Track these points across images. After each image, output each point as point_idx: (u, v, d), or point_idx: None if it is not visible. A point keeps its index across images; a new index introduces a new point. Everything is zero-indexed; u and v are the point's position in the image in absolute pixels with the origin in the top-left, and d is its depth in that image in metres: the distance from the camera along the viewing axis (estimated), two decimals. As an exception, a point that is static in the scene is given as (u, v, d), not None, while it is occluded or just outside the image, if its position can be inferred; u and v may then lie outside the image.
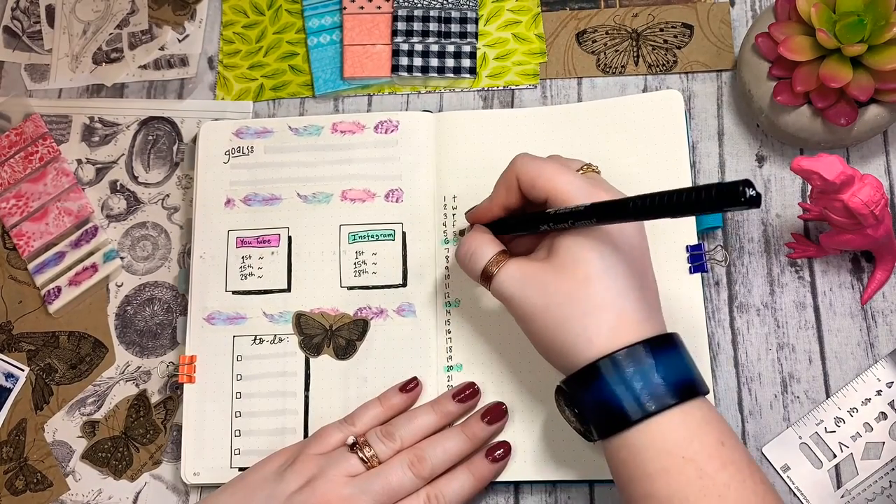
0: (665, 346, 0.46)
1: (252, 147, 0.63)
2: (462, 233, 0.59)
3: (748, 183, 0.37)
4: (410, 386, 0.56)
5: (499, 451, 0.54)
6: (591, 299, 0.46)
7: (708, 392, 0.46)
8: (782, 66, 0.56)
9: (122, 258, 0.64)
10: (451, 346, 0.58)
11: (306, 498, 0.50)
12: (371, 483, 0.51)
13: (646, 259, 0.49)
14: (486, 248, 0.51)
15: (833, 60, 0.54)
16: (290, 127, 0.63)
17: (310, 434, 0.57)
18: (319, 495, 0.50)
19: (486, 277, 0.50)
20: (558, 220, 0.47)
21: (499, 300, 0.50)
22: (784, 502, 0.45)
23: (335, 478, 0.51)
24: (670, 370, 0.45)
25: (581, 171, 0.51)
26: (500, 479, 0.55)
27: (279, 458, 0.54)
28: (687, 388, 0.45)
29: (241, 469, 0.57)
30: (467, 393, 0.55)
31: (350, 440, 0.53)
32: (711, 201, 0.39)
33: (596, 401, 0.45)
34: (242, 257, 0.61)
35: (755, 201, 0.37)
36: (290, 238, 0.61)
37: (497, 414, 0.55)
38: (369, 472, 0.52)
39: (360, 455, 0.52)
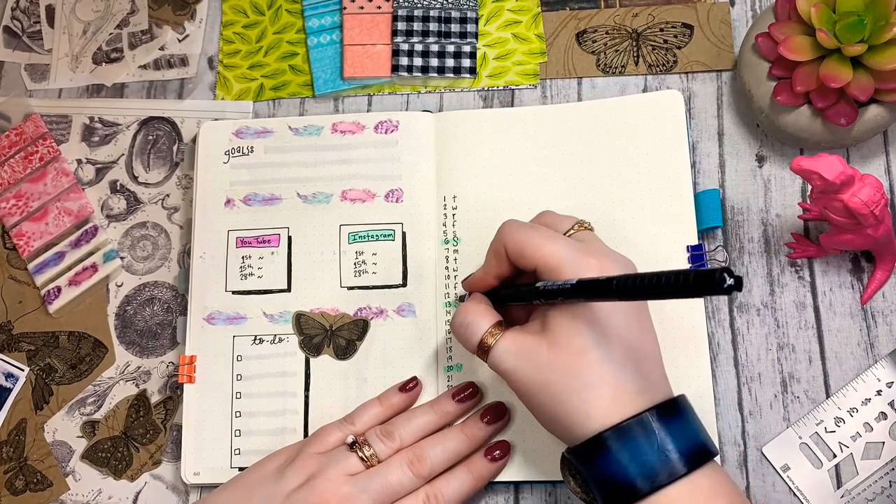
0: (671, 414, 0.45)
1: (252, 147, 0.63)
2: (461, 299, 0.58)
3: (728, 271, 0.36)
4: (410, 385, 0.56)
5: (497, 451, 0.54)
6: (587, 373, 0.45)
7: (717, 453, 0.45)
8: (782, 66, 0.56)
9: (122, 258, 0.64)
10: (451, 346, 0.58)
11: (305, 496, 0.50)
12: (370, 482, 0.51)
13: (644, 322, 0.48)
14: (481, 319, 0.50)
15: (833, 60, 0.54)
16: (290, 127, 0.63)
17: (310, 434, 0.57)
18: (318, 493, 0.50)
19: (483, 350, 0.49)
20: (547, 296, 0.47)
21: (495, 372, 0.50)
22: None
23: (334, 476, 0.51)
24: (678, 438, 0.44)
25: (572, 231, 0.50)
26: (500, 479, 0.55)
27: (279, 457, 0.54)
28: (696, 454, 0.44)
29: (240, 469, 0.57)
30: (467, 393, 0.55)
31: (349, 439, 0.53)
32: (689, 287, 0.38)
33: (602, 473, 0.44)
34: (242, 257, 0.61)
35: (734, 288, 0.36)
36: (290, 238, 0.61)
37: (497, 414, 0.55)
38: (369, 471, 0.52)
39: (360, 454, 0.52)
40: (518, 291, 0.50)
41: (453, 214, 0.60)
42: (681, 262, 0.57)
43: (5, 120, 0.67)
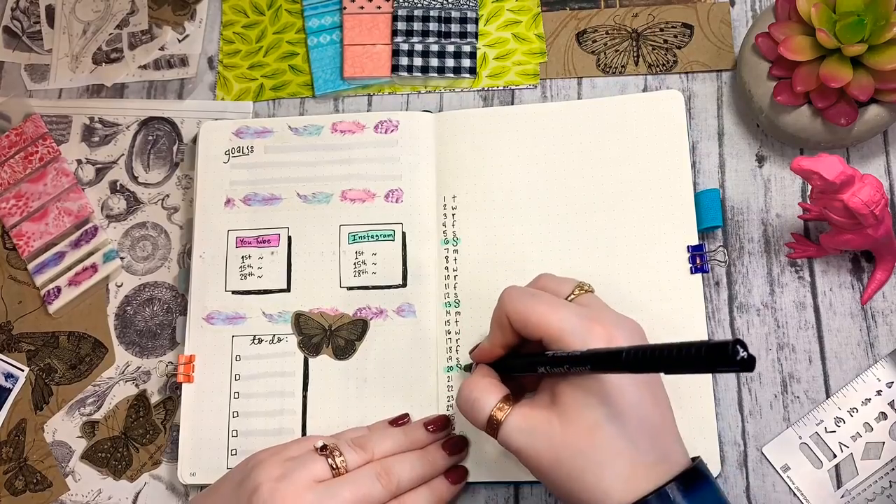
0: (692, 484, 0.43)
1: (252, 147, 0.63)
2: (467, 368, 0.57)
3: (740, 343, 0.35)
4: (402, 422, 0.56)
5: (456, 475, 0.54)
6: (601, 450, 0.44)
7: None
8: (782, 66, 0.56)
9: (121, 258, 0.64)
10: (450, 347, 0.58)
11: (266, 498, 0.48)
12: (340, 489, 0.49)
13: (657, 391, 0.46)
14: (488, 395, 0.48)
15: (833, 60, 0.54)
16: (289, 127, 0.63)
17: (308, 435, 0.57)
18: (279, 498, 0.48)
19: (492, 427, 0.48)
20: (554, 365, 0.45)
21: (506, 450, 0.48)
22: None
23: (300, 480, 0.49)
24: None
25: (573, 296, 0.49)
26: (500, 479, 0.55)
27: (245, 463, 0.52)
28: None
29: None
30: (439, 424, 0.55)
31: (319, 443, 0.51)
32: (701, 361, 0.37)
33: None
34: (242, 257, 0.61)
35: (747, 365, 0.35)
36: (289, 238, 0.61)
37: (457, 447, 0.55)
38: (337, 479, 0.50)
39: (330, 461, 0.50)
40: (526, 362, 0.49)
41: (453, 214, 0.60)
42: (682, 262, 0.57)
43: (5, 120, 0.67)
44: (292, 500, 0.48)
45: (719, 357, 0.36)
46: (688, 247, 0.57)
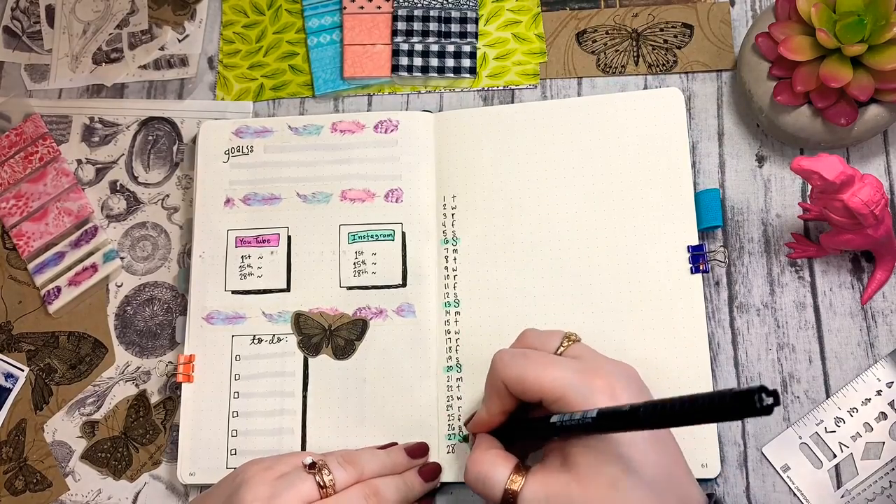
0: None
1: (252, 147, 0.63)
2: (466, 438, 0.56)
3: (764, 389, 0.33)
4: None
5: (431, 470, 0.54)
6: (639, 496, 0.43)
7: None
8: (782, 66, 0.56)
9: (121, 258, 0.64)
10: (450, 346, 0.58)
11: None
12: None
13: (668, 436, 0.46)
14: (497, 469, 0.46)
15: (833, 60, 0.54)
16: (289, 126, 0.63)
17: (308, 435, 0.57)
18: None
19: (507, 501, 0.46)
20: (567, 432, 0.44)
21: None
22: None
23: (288, 501, 0.47)
24: None
25: (562, 349, 0.49)
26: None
27: (232, 476, 0.51)
28: None
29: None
30: (419, 451, 0.55)
31: (308, 460, 0.50)
32: (726, 410, 0.35)
33: None
34: (242, 257, 0.61)
35: (771, 408, 0.33)
36: (289, 238, 0.61)
37: (433, 474, 0.54)
38: (326, 500, 0.49)
39: (318, 479, 0.49)
40: (532, 430, 0.48)
41: (453, 214, 0.60)
42: (682, 262, 0.57)
43: (5, 120, 0.68)
44: None
45: (744, 406, 0.34)
46: (688, 247, 0.57)
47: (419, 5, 0.65)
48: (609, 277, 0.57)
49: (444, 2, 0.65)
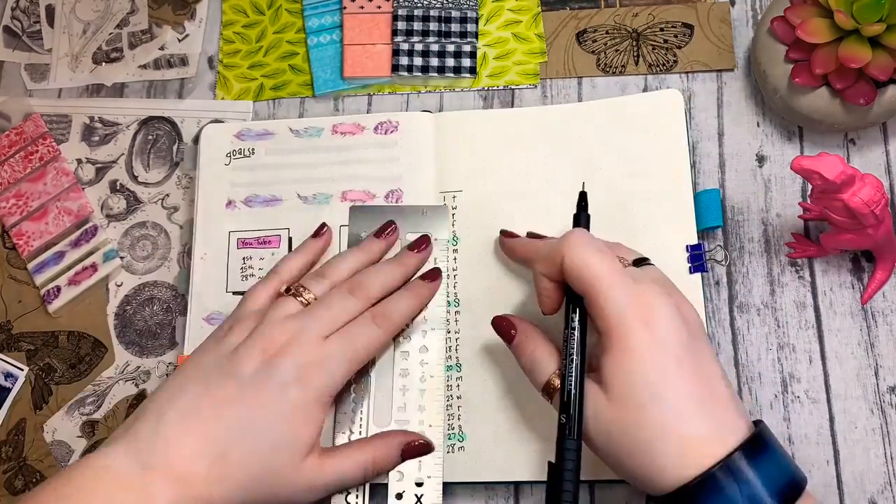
0: (760, 449, 0.43)
1: (253, 149, 0.63)
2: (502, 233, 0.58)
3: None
4: (323, 232, 0.58)
5: (432, 274, 0.56)
6: (650, 429, 0.43)
7: (806, 483, 0.43)
8: (800, 49, 0.56)
9: (121, 258, 0.64)
10: (450, 346, 0.58)
11: (251, 344, 0.50)
12: (313, 314, 0.51)
13: (704, 366, 0.45)
14: (542, 362, 0.49)
15: (852, 41, 0.54)
16: (290, 129, 0.63)
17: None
18: (265, 338, 0.50)
19: (547, 392, 0.49)
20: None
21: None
22: None
23: (277, 320, 0.51)
24: (766, 479, 0.42)
25: (638, 266, 0.49)
26: (500, 479, 0.55)
27: (217, 331, 0.54)
28: (791, 490, 0.42)
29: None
30: (388, 230, 0.58)
31: (283, 288, 0.53)
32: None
33: None
34: (243, 258, 0.61)
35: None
36: (290, 239, 0.61)
37: (423, 244, 0.57)
38: (311, 306, 0.52)
39: (299, 299, 0.52)
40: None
41: (453, 215, 0.60)
42: (681, 262, 0.57)
43: (5, 120, 0.67)
44: (277, 334, 0.50)
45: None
46: (687, 246, 0.57)
47: (419, 5, 0.65)
48: (609, 277, 0.57)
49: (444, 1, 0.65)
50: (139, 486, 0.46)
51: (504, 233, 0.57)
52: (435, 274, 0.56)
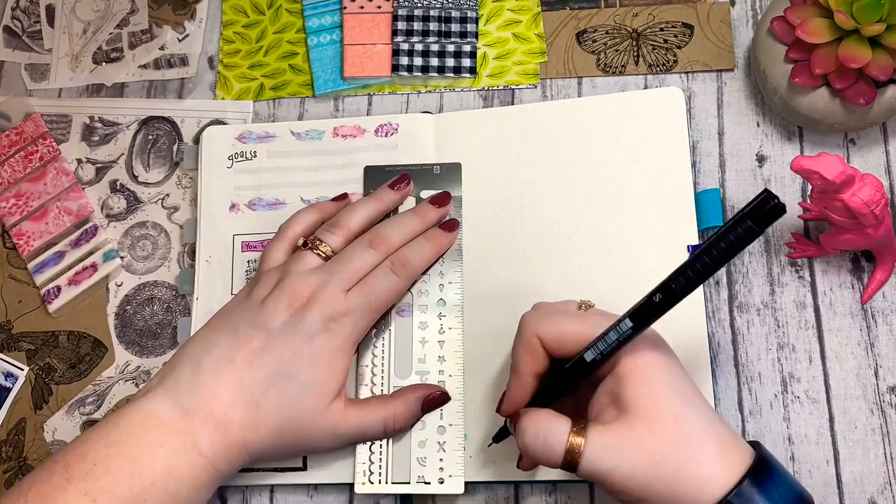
0: (765, 470, 0.43)
1: (255, 152, 0.63)
2: (497, 437, 0.53)
3: (768, 191, 0.38)
4: (341, 198, 0.60)
5: (451, 223, 0.58)
6: (692, 438, 0.43)
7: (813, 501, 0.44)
8: (799, 49, 0.56)
9: (121, 258, 0.64)
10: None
11: (277, 297, 0.52)
12: (336, 265, 0.53)
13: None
14: (556, 425, 0.44)
15: (852, 41, 0.54)
16: (292, 132, 0.63)
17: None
18: (289, 290, 0.52)
19: (572, 456, 0.43)
20: (607, 357, 0.45)
21: (590, 479, 0.44)
22: None
23: (299, 273, 0.53)
24: (784, 491, 0.42)
25: (583, 311, 0.49)
26: (499, 479, 0.55)
27: (244, 289, 0.56)
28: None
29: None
30: (403, 182, 0.59)
31: (300, 242, 0.55)
32: (750, 230, 0.39)
33: None
34: (248, 261, 0.61)
35: (781, 208, 0.39)
36: (292, 240, 0.61)
37: (443, 200, 0.58)
38: (331, 259, 0.54)
39: (316, 252, 0.54)
40: (567, 379, 0.47)
41: (453, 214, 0.60)
42: (681, 262, 0.57)
43: (5, 119, 0.67)
44: (301, 287, 0.52)
45: (762, 215, 0.39)
46: (688, 246, 0.57)
47: (419, 5, 0.65)
48: (609, 277, 0.57)
49: (445, 1, 0.65)
50: (184, 431, 0.49)
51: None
52: (453, 224, 0.58)
